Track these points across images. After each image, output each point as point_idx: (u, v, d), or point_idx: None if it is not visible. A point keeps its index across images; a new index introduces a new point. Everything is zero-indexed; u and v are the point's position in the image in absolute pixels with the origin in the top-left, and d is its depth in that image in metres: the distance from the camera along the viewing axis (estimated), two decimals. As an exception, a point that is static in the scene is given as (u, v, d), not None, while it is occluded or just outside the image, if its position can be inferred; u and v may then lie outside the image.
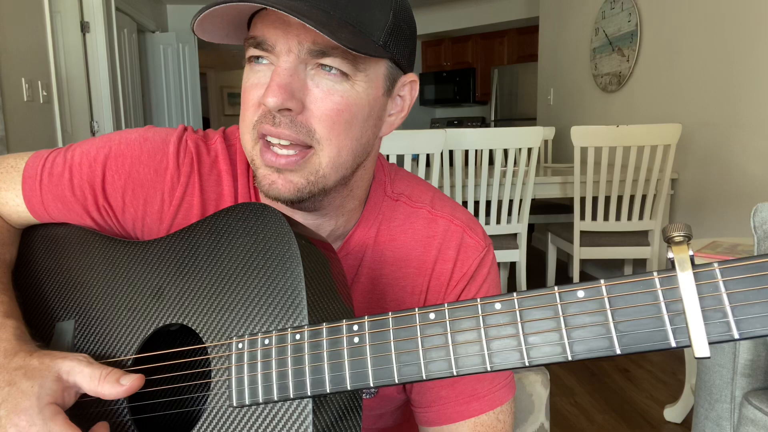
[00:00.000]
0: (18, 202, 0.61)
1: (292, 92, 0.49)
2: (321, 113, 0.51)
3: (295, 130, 0.50)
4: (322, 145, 0.51)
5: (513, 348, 0.31)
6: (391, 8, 0.52)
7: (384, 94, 0.55)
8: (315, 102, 0.50)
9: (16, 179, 0.61)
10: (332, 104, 0.51)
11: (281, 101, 0.48)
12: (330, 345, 0.39)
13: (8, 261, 0.61)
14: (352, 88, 0.51)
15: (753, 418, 1.18)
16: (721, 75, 2.51)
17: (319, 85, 0.50)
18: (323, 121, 0.51)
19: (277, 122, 0.50)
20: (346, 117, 0.51)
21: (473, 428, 0.59)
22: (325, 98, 0.50)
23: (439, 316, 0.34)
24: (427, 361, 0.34)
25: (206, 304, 0.49)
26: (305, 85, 0.50)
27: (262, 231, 0.48)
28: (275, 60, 0.50)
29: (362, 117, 0.53)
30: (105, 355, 0.52)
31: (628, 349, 0.28)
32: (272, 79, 0.49)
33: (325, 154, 0.52)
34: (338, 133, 0.52)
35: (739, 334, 0.25)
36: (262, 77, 0.51)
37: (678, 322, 0.27)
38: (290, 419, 0.43)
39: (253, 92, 0.52)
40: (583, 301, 0.30)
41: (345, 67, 0.50)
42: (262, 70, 0.52)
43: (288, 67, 0.49)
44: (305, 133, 0.51)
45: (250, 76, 0.52)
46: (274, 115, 0.50)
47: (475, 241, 0.62)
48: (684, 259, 0.26)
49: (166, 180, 0.59)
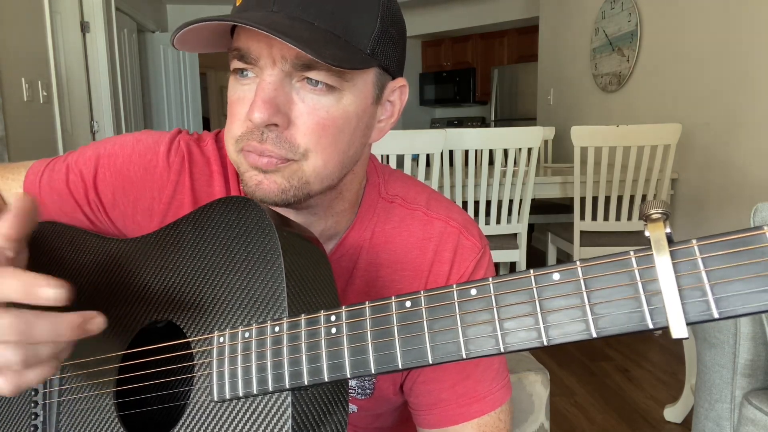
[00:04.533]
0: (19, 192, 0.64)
1: (278, 107, 0.48)
2: (306, 128, 0.50)
3: (280, 147, 0.50)
4: (307, 157, 0.51)
5: (488, 334, 0.30)
6: (378, 13, 0.51)
7: (373, 102, 0.54)
8: (300, 117, 0.49)
9: (21, 172, 0.65)
10: (318, 119, 0.50)
11: (267, 117, 0.48)
12: (308, 336, 0.38)
13: None
14: (338, 102, 0.50)
15: (753, 418, 1.16)
16: (721, 75, 2.50)
17: (304, 99, 0.49)
18: (308, 136, 0.50)
19: (264, 138, 0.49)
20: (332, 132, 0.51)
21: (477, 429, 0.59)
22: (310, 113, 0.49)
23: (415, 303, 0.34)
24: (404, 350, 0.33)
25: (190, 300, 0.48)
26: (290, 99, 0.49)
27: (243, 224, 0.48)
28: (259, 72, 0.49)
29: (349, 130, 0.52)
30: (95, 352, 0.52)
31: (605, 332, 0.27)
32: (257, 93, 0.48)
33: (309, 165, 0.51)
34: (324, 147, 0.51)
35: (718, 313, 0.24)
36: (247, 91, 0.51)
37: (655, 303, 0.26)
38: (270, 412, 0.42)
39: (238, 106, 0.51)
40: (559, 284, 0.29)
41: (331, 80, 0.49)
42: (247, 84, 0.51)
43: (272, 81, 0.48)
44: (290, 149, 0.50)
45: (236, 89, 0.52)
46: (262, 130, 0.49)
47: (472, 243, 0.61)
48: (660, 237, 0.25)
49: (156, 178, 0.60)
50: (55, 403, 0.52)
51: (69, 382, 0.52)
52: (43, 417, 0.52)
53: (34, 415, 0.53)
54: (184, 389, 0.56)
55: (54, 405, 0.52)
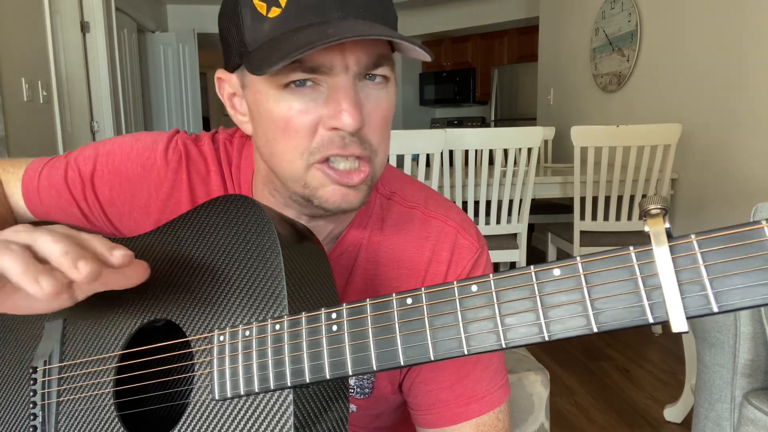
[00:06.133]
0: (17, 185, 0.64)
1: (362, 111, 0.48)
2: (375, 125, 0.51)
3: (362, 147, 0.50)
4: (377, 153, 0.52)
5: (490, 330, 0.30)
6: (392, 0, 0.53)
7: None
8: (369, 114, 0.50)
9: (22, 166, 0.65)
10: (382, 113, 0.51)
11: (360, 121, 0.47)
12: (309, 334, 0.38)
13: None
14: (389, 93, 0.52)
15: (753, 418, 1.16)
16: (721, 75, 2.50)
17: (369, 97, 0.50)
18: (377, 132, 0.51)
19: (347, 143, 0.49)
20: (389, 121, 0.53)
21: (475, 429, 0.59)
22: (376, 109, 0.50)
23: (416, 300, 0.34)
24: (405, 347, 0.33)
25: (189, 298, 0.48)
26: (361, 101, 0.49)
27: (242, 222, 0.48)
28: (327, 80, 0.48)
29: (393, 116, 0.54)
30: (93, 352, 0.52)
31: (605, 326, 0.27)
32: (340, 100, 0.47)
33: (378, 162, 0.52)
34: (385, 138, 0.53)
35: (718, 307, 0.24)
36: (309, 101, 0.48)
37: (655, 297, 0.26)
38: (272, 410, 0.42)
39: (303, 118, 0.48)
40: (560, 279, 0.29)
41: (388, 73, 0.50)
42: (308, 93, 0.48)
43: (350, 85, 0.48)
44: (368, 147, 0.51)
45: (292, 101, 0.48)
46: (343, 135, 0.48)
47: (469, 242, 0.61)
48: (660, 232, 0.26)
49: (153, 176, 0.60)
50: (54, 403, 0.52)
51: (67, 383, 0.52)
52: (42, 417, 0.52)
53: (32, 415, 0.53)
54: (183, 388, 0.56)
55: (53, 405, 0.52)
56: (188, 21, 5.60)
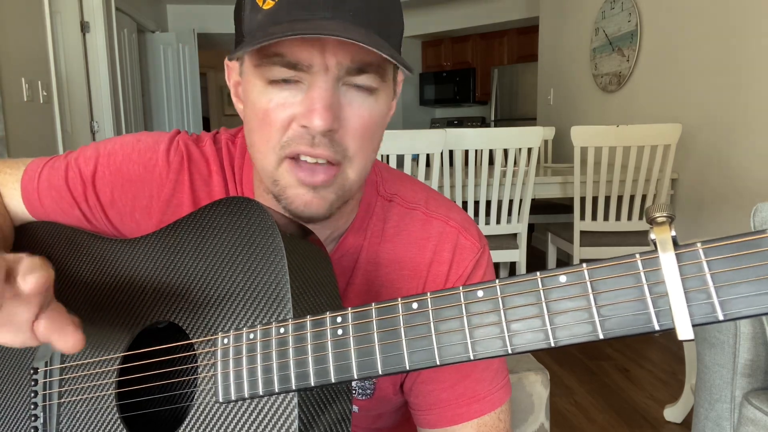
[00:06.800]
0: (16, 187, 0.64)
1: (336, 113, 0.48)
2: (353, 131, 0.50)
3: (332, 150, 0.50)
4: (352, 161, 0.51)
5: (496, 336, 0.30)
6: (401, 11, 0.53)
7: (392, 98, 0.55)
8: (348, 120, 0.50)
9: (20, 167, 0.65)
10: (362, 121, 0.50)
11: (330, 123, 0.47)
12: (314, 338, 0.38)
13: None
14: (376, 102, 0.51)
15: (753, 418, 1.17)
16: (722, 75, 2.50)
17: (351, 102, 0.50)
18: (355, 139, 0.51)
19: (317, 142, 0.49)
20: (371, 131, 0.52)
21: (477, 429, 0.59)
22: (356, 116, 0.50)
23: (422, 305, 0.34)
24: (411, 351, 0.34)
25: (192, 301, 0.48)
26: (340, 103, 0.49)
27: (246, 225, 0.48)
28: (307, 78, 0.48)
29: (381, 127, 0.53)
30: (95, 354, 0.52)
31: (611, 333, 0.27)
32: (316, 100, 0.47)
33: (353, 169, 0.52)
34: (365, 149, 0.52)
35: (723, 315, 0.24)
36: (289, 96, 0.49)
37: (661, 305, 0.26)
38: (276, 413, 0.42)
39: (279, 112, 0.49)
40: (566, 286, 0.29)
41: (376, 82, 0.50)
42: (289, 90, 0.49)
43: (328, 87, 0.48)
44: (340, 151, 0.50)
45: (273, 95, 0.49)
46: (313, 135, 0.49)
47: (471, 243, 0.61)
48: (666, 240, 0.26)
49: (155, 176, 0.60)
50: (55, 404, 0.52)
51: (69, 384, 0.52)
52: (43, 419, 0.52)
53: (34, 416, 0.53)
54: (187, 390, 0.56)
55: (54, 407, 0.52)
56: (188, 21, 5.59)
